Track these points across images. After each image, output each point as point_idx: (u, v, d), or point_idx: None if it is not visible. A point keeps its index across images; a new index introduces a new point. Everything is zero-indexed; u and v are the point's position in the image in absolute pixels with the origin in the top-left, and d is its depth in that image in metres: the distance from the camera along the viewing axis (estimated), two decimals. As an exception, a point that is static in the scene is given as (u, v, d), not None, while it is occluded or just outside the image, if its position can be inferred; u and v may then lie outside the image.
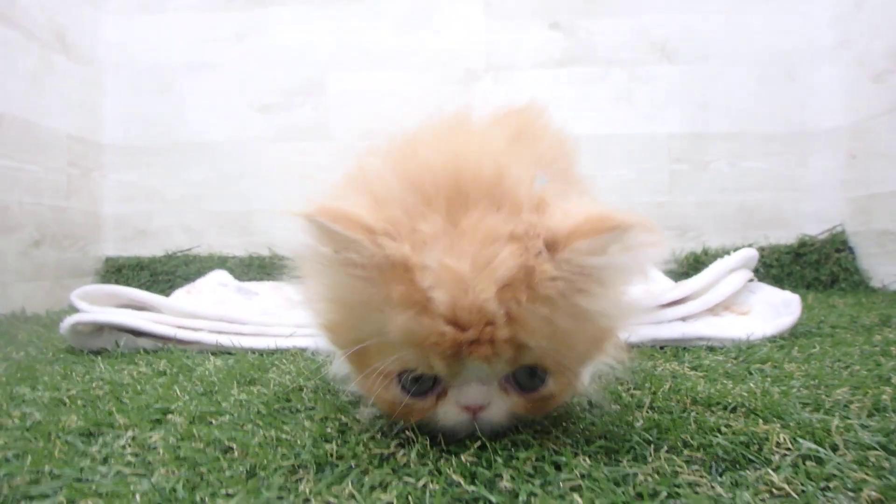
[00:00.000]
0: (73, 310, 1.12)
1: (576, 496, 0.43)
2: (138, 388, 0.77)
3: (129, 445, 0.55)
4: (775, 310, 1.15)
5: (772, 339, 1.06)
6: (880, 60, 1.91)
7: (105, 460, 0.52)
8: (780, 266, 2.08)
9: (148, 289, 2.07)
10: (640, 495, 0.44)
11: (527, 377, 0.53)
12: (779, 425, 0.57)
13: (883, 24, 1.92)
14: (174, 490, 0.45)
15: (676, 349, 1.04)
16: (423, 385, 0.52)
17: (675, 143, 2.20)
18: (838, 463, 0.48)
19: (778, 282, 2.04)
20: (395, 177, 0.53)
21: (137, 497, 0.44)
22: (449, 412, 0.53)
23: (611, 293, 0.52)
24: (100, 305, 1.13)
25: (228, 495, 0.44)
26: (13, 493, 0.46)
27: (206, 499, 0.44)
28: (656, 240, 0.51)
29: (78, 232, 2.03)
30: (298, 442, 0.55)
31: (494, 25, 2.23)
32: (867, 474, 0.46)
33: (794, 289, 1.97)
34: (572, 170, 0.83)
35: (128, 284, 2.10)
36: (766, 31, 2.16)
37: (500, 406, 0.54)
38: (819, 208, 2.14)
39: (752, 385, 0.74)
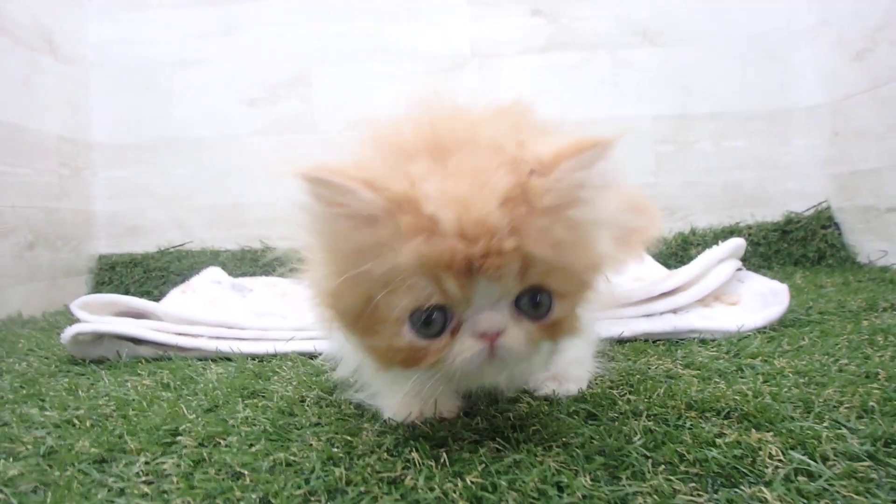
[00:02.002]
0: (71, 315, 1.13)
1: (579, 520, 0.45)
2: (144, 405, 0.78)
3: (143, 473, 0.57)
4: (764, 299, 1.17)
5: (761, 330, 1.08)
6: (859, 40, 1.92)
7: (122, 492, 0.53)
8: (767, 244, 2.11)
9: (142, 285, 2.10)
10: (639, 517, 0.46)
11: (534, 305, 0.55)
12: (770, 434, 0.59)
13: (862, 3, 1.93)
14: (192, 524, 0.47)
15: (668, 343, 1.06)
16: (436, 324, 0.53)
17: (660, 125, 2.21)
18: (829, 478, 0.50)
19: (766, 260, 2.08)
20: (370, 145, 0.57)
21: (158, 533, 0.46)
22: (465, 345, 0.54)
23: (598, 206, 0.57)
24: (98, 314, 1.14)
25: (245, 529, 0.46)
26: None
27: (225, 533, 0.46)
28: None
29: (70, 231, 2.03)
30: (307, 465, 0.57)
31: (478, 14, 2.22)
32: (856, 491, 0.48)
33: (781, 266, 2.02)
34: None
35: (121, 282, 2.12)
36: (746, 12, 2.17)
37: (515, 333, 0.54)
38: (803, 186, 2.16)
39: (743, 386, 0.76)
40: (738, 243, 1.27)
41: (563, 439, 0.60)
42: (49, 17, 1.97)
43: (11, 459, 0.62)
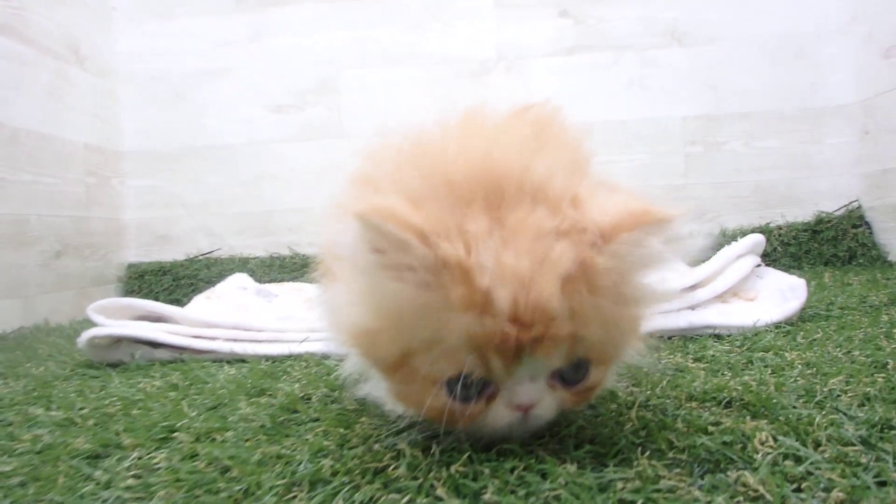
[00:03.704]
0: (91, 323, 1.16)
1: (555, 506, 0.45)
2: (149, 404, 0.79)
3: (133, 467, 0.57)
4: (782, 295, 1.15)
5: (778, 326, 1.06)
6: (890, 37, 1.89)
7: (108, 484, 0.54)
8: (797, 244, 2.08)
9: (171, 293, 2.14)
10: (619, 502, 0.45)
11: (571, 372, 0.53)
12: (766, 421, 0.58)
13: (891, 0, 1.90)
14: (170, 515, 0.47)
15: (684, 339, 1.05)
16: (473, 389, 0.52)
17: (689, 125, 2.19)
18: (815, 461, 0.49)
19: (796, 260, 2.05)
20: (423, 177, 0.52)
21: (132, 523, 0.47)
22: (500, 413, 0.53)
23: (648, 280, 0.54)
24: (116, 318, 1.16)
25: (220, 517, 0.46)
26: (16, 523, 0.48)
27: (200, 522, 0.46)
28: (693, 230, 0.52)
29: (99, 241, 2.08)
30: (297, 457, 0.57)
31: (504, 16, 2.23)
32: (841, 473, 0.47)
33: (812, 266, 1.99)
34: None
35: (150, 290, 2.16)
36: (774, 10, 2.14)
37: (549, 402, 0.54)
38: (834, 185, 2.13)
39: (748, 377, 0.75)
40: (756, 239, 1.25)
41: (556, 428, 0.60)
42: (76, 29, 2.03)
43: (6, 456, 0.64)
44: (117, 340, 1.12)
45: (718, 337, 1.04)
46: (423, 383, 0.52)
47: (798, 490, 0.45)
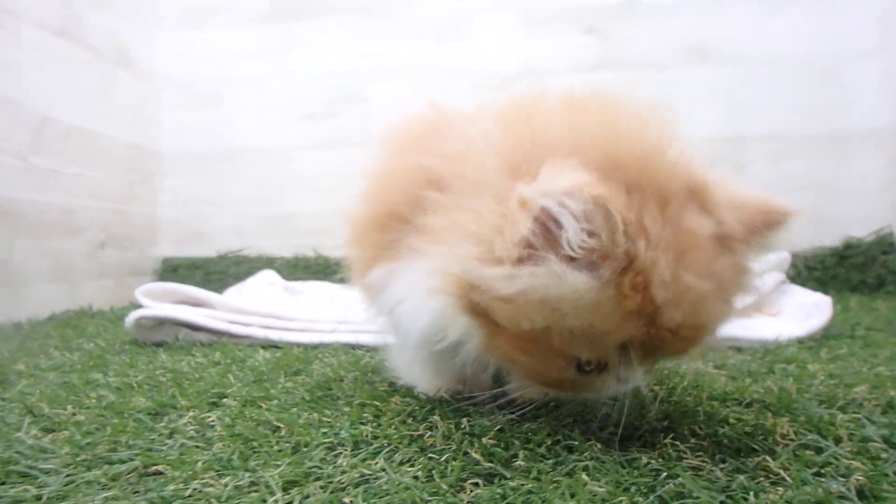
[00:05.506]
0: (137, 306, 1.21)
1: (583, 475, 0.48)
2: (196, 375, 0.85)
3: (191, 423, 0.63)
4: (806, 311, 1.17)
5: (801, 341, 1.08)
6: None
7: (171, 435, 0.59)
8: (823, 269, 2.03)
9: (203, 287, 2.18)
10: (642, 475, 0.48)
11: None
12: (787, 420, 0.61)
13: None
14: (230, 460, 0.52)
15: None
16: (595, 364, 0.54)
17: (713, 145, 2.17)
18: (836, 453, 0.51)
19: (822, 285, 1.99)
20: (583, 150, 0.50)
21: (200, 464, 0.51)
22: (610, 385, 0.55)
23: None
24: (160, 302, 1.21)
25: (276, 464, 0.51)
26: (97, 458, 0.54)
27: (258, 467, 0.50)
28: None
29: (138, 234, 2.17)
30: (338, 424, 0.61)
31: (529, 32, 2.25)
32: (862, 462, 0.49)
33: (838, 292, 1.96)
34: None
35: (183, 283, 2.21)
36: (803, 32, 2.12)
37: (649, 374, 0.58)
38: (863, 210, 2.08)
39: (770, 383, 0.77)
40: (780, 256, 1.26)
41: (581, 414, 0.63)
42: (126, 35, 2.13)
43: (78, 408, 0.70)
44: (160, 322, 1.17)
45: (739, 349, 1.05)
46: (550, 356, 0.52)
47: (818, 475, 0.48)
